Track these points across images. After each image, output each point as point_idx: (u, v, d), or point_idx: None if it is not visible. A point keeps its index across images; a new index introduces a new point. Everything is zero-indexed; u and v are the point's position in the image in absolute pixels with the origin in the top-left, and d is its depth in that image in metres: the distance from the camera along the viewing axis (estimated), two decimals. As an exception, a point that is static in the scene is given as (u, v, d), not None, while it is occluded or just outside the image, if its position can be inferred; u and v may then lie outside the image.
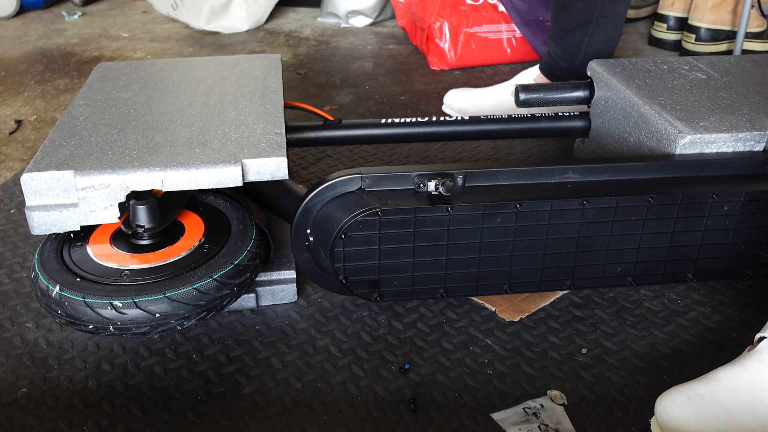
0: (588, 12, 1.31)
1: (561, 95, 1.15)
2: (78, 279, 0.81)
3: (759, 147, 0.91)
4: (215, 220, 0.91)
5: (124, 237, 0.88)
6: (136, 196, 0.85)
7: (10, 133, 1.52)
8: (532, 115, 1.16)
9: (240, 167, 0.82)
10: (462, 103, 1.51)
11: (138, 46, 2.16)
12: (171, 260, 0.84)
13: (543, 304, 0.93)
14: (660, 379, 0.81)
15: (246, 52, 2.08)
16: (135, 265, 0.84)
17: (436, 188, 0.82)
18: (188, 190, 0.91)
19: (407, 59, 1.96)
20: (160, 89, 1.05)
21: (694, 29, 1.89)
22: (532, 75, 1.49)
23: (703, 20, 1.87)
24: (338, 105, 1.66)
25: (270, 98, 1.01)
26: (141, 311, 0.78)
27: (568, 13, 1.34)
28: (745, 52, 1.83)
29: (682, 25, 1.96)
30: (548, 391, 0.79)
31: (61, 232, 0.85)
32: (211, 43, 2.17)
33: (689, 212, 0.87)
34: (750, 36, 1.84)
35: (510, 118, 1.14)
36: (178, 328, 0.81)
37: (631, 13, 2.21)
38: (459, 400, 0.79)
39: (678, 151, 0.90)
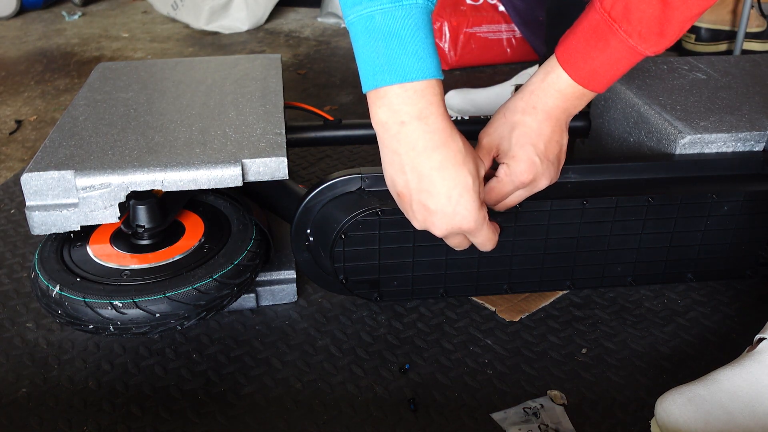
0: None
1: (561, 95, 1.14)
2: (78, 279, 0.81)
3: (759, 147, 0.91)
4: (215, 220, 0.91)
5: (124, 237, 0.88)
6: (136, 196, 0.85)
7: (10, 133, 1.52)
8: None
9: (240, 167, 0.82)
10: (462, 103, 1.51)
11: (138, 46, 2.16)
12: (171, 260, 0.84)
13: (543, 304, 0.93)
14: (660, 379, 0.81)
15: (246, 52, 2.08)
16: (135, 265, 0.84)
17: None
18: (188, 191, 0.91)
19: (407, 59, 1.96)
20: (160, 89, 1.05)
21: (694, 29, 1.89)
22: (532, 75, 1.49)
23: (703, 20, 1.87)
24: (338, 105, 1.66)
25: (270, 98, 1.01)
26: (141, 311, 0.78)
27: (571, 23, 1.34)
28: (745, 52, 1.83)
29: (682, 25, 1.96)
30: (548, 391, 0.79)
31: (61, 232, 0.85)
32: (211, 43, 2.17)
33: (689, 212, 0.87)
34: (750, 36, 1.84)
35: (510, 118, 1.14)
36: (178, 328, 0.81)
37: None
38: (459, 400, 0.79)
39: (678, 151, 0.90)
